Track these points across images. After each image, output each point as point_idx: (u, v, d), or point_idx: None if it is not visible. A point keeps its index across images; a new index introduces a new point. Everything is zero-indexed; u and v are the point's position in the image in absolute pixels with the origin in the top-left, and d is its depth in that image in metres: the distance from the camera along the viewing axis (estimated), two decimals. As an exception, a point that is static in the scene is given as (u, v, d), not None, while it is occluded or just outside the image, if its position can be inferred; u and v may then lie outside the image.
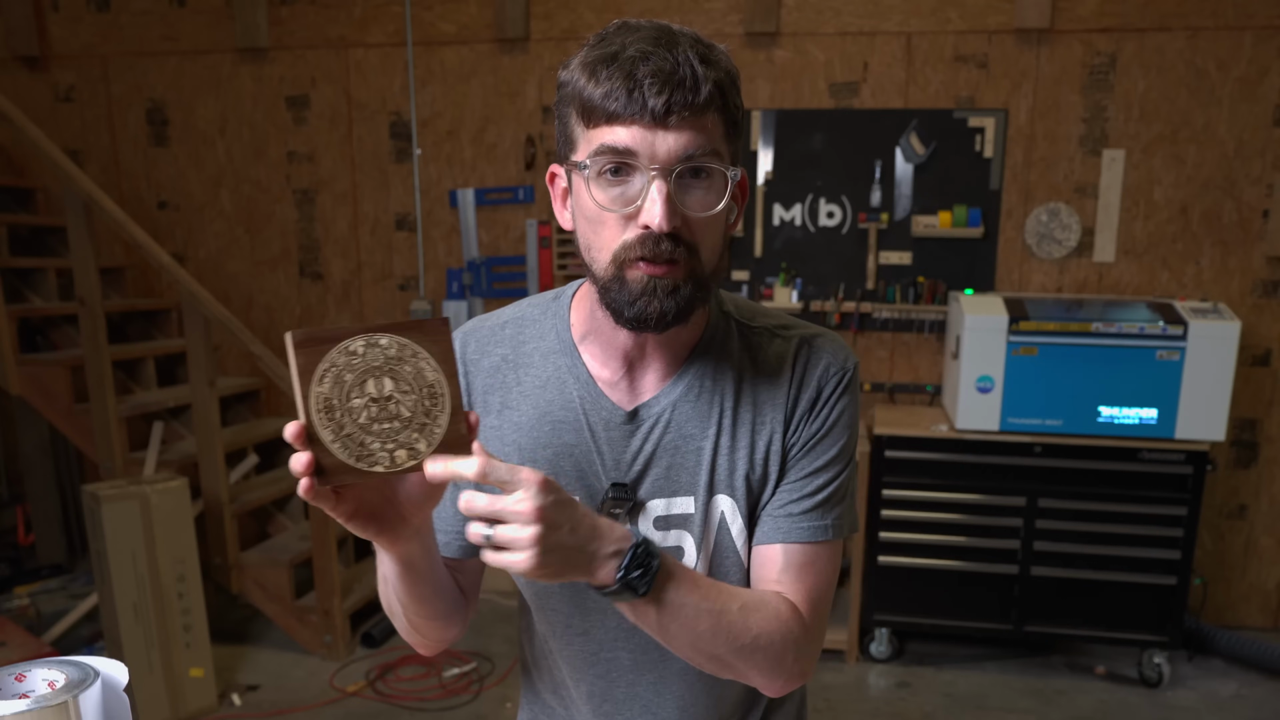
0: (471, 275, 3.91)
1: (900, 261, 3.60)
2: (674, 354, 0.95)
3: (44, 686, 0.87)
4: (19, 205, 4.01)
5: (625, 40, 0.80)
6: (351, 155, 3.93)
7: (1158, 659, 3.19)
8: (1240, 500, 3.57)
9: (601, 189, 0.83)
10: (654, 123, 0.79)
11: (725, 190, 0.84)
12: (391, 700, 3.09)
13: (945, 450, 3.19)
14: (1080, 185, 3.46)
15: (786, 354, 0.96)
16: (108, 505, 2.84)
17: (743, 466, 0.94)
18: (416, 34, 3.75)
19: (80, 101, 4.04)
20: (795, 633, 0.90)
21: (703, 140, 0.81)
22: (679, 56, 0.79)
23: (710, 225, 0.85)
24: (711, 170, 0.83)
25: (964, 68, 3.46)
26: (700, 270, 0.85)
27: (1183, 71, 3.33)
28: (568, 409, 0.95)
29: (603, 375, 0.95)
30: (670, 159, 0.80)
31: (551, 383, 0.96)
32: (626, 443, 0.94)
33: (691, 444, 0.94)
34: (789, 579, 0.93)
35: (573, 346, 0.96)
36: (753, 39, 3.55)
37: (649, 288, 0.83)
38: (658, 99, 0.78)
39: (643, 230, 0.82)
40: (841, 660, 3.37)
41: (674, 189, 0.81)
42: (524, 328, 0.99)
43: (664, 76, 0.78)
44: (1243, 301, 3.43)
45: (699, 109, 0.80)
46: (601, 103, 0.80)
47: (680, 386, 0.94)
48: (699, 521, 0.94)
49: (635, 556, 0.79)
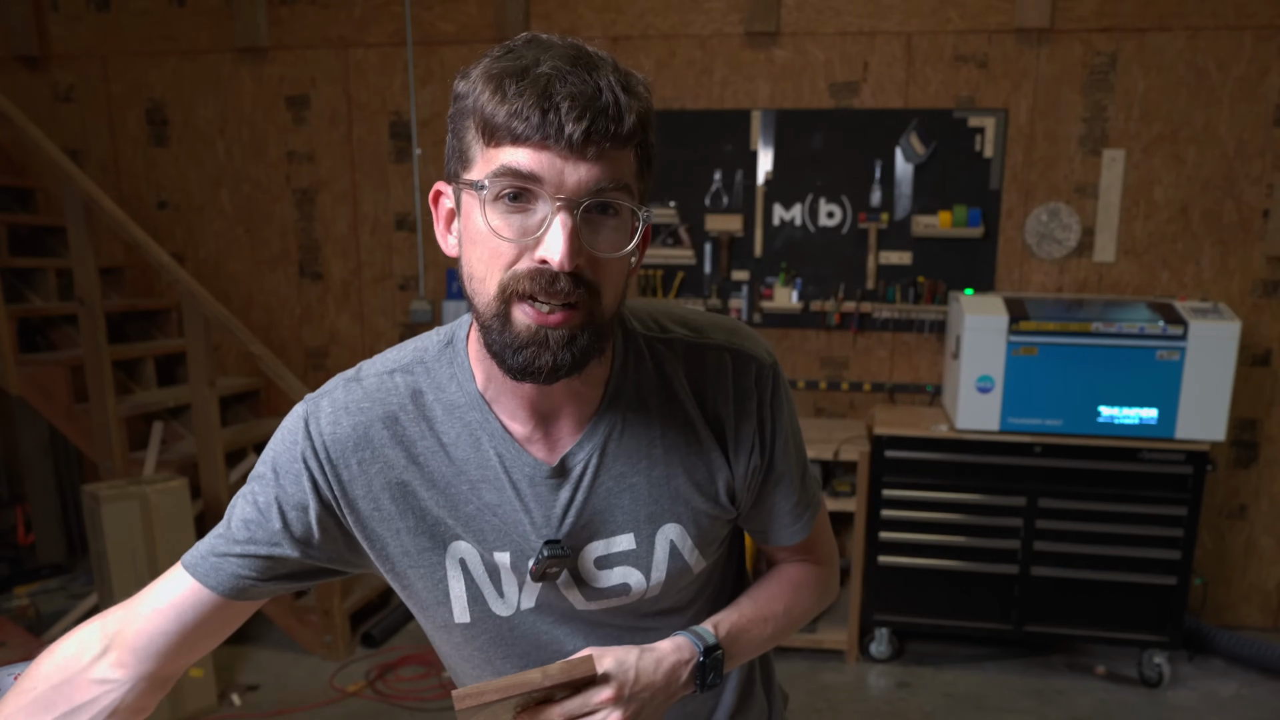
0: (471, 275, 3.90)
1: (900, 261, 3.60)
2: (586, 398, 0.87)
3: (43, 687, 0.87)
4: (19, 205, 4.01)
5: (539, 55, 0.73)
6: (351, 155, 3.93)
7: (1158, 659, 3.19)
8: (1240, 500, 3.57)
9: (498, 214, 0.74)
10: (568, 151, 0.71)
11: (634, 232, 0.77)
12: (391, 700, 3.09)
13: (945, 450, 3.19)
14: (1080, 185, 3.46)
15: (706, 364, 0.90)
16: (108, 505, 2.84)
17: (685, 491, 0.90)
18: (416, 34, 3.75)
19: (80, 101, 4.04)
20: (824, 580, 1.05)
21: (616, 175, 0.74)
22: (601, 82, 0.72)
23: (615, 267, 0.77)
24: (620, 208, 0.75)
25: (964, 67, 3.46)
26: (600, 316, 0.77)
27: (1183, 71, 3.33)
28: (485, 467, 0.86)
29: (515, 429, 0.87)
30: (579, 191, 0.72)
31: (463, 439, 0.87)
32: (554, 496, 0.87)
33: (623, 483, 0.88)
34: (802, 555, 1.05)
35: (479, 400, 0.86)
36: (753, 39, 3.54)
37: (538, 336, 0.75)
38: (576, 125, 0.70)
39: (539, 264, 0.73)
40: (841, 660, 3.37)
41: (579, 224, 0.73)
42: (418, 378, 0.88)
43: (584, 101, 0.71)
44: (1243, 301, 3.43)
45: (620, 141, 0.73)
46: (507, 121, 0.71)
47: (602, 427, 0.88)
48: (643, 555, 0.90)
49: (705, 666, 0.88)
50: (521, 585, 0.91)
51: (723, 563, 1.04)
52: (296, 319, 4.09)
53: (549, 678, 0.78)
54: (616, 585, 0.91)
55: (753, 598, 0.99)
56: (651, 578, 0.91)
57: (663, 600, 0.95)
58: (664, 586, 0.93)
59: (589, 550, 0.89)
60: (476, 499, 0.87)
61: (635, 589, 0.91)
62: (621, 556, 0.90)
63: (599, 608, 0.92)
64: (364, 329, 4.04)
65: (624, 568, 0.90)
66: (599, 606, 0.92)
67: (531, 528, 0.87)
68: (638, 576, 0.91)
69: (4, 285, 3.37)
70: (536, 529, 0.87)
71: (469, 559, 0.89)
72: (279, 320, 4.09)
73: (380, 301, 4.02)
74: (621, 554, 0.90)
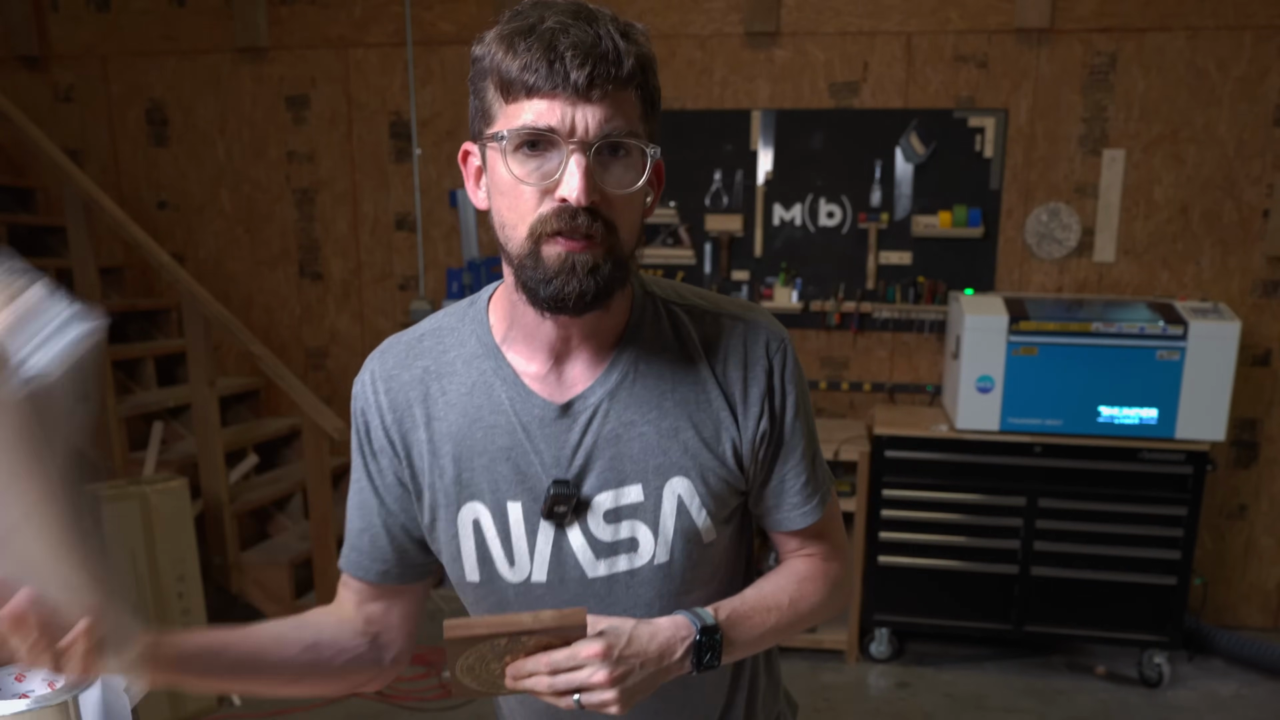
0: (471, 275, 3.90)
1: (900, 261, 3.60)
2: (601, 342, 0.93)
3: (44, 686, 0.87)
4: (19, 205, 4.01)
5: (543, 14, 0.79)
6: (351, 155, 3.93)
7: (1158, 659, 3.19)
8: (1240, 500, 3.57)
9: (519, 162, 0.81)
10: (575, 96, 0.78)
11: (644, 169, 0.83)
12: (391, 700, 3.09)
13: (945, 450, 3.19)
14: (1080, 185, 3.46)
15: (721, 332, 0.95)
16: (108, 505, 2.84)
17: (693, 446, 0.93)
18: (416, 34, 3.75)
19: (80, 101, 4.04)
20: (834, 577, 1.03)
21: (622, 117, 0.80)
22: (600, 30, 0.78)
23: (628, 203, 0.83)
24: (630, 148, 0.82)
25: (964, 68, 3.46)
26: (619, 249, 0.84)
27: (1183, 71, 3.33)
28: (497, 412, 0.92)
29: (529, 371, 0.93)
30: (589, 133, 0.79)
31: (478, 388, 0.93)
32: (564, 438, 0.92)
33: (633, 430, 0.92)
34: (812, 546, 1.04)
35: (495, 348, 0.94)
36: (753, 39, 3.55)
37: (566, 264, 0.81)
38: (580, 71, 0.77)
39: (559, 203, 0.80)
40: (841, 660, 3.37)
41: (593, 164, 0.80)
42: (443, 337, 0.97)
43: (585, 49, 0.77)
44: (1243, 301, 3.43)
45: (621, 83, 0.79)
46: (520, 74, 0.78)
47: (614, 375, 0.93)
48: (650, 509, 0.93)
49: (701, 645, 0.87)
50: (533, 548, 0.93)
51: (731, 557, 1.03)
52: (296, 319, 4.09)
53: (539, 622, 0.78)
54: (625, 539, 0.93)
55: (757, 587, 0.99)
56: (659, 534, 0.93)
57: (671, 578, 0.95)
58: (673, 551, 0.94)
59: (598, 502, 0.92)
60: (491, 445, 0.92)
61: (644, 545, 0.93)
62: (631, 510, 0.93)
63: (609, 572, 0.94)
64: (364, 329, 4.04)
65: (633, 521, 0.93)
66: (609, 571, 0.94)
67: (541, 469, 0.92)
68: (646, 532, 0.93)
69: (4, 285, 3.37)
70: (546, 470, 0.92)
71: (482, 519, 0.94)
72: (279, 320, 4.09)
73: (380, 301, 4.02)
74: (631, 506, 0.93)
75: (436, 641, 3.42)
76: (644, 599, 0.95)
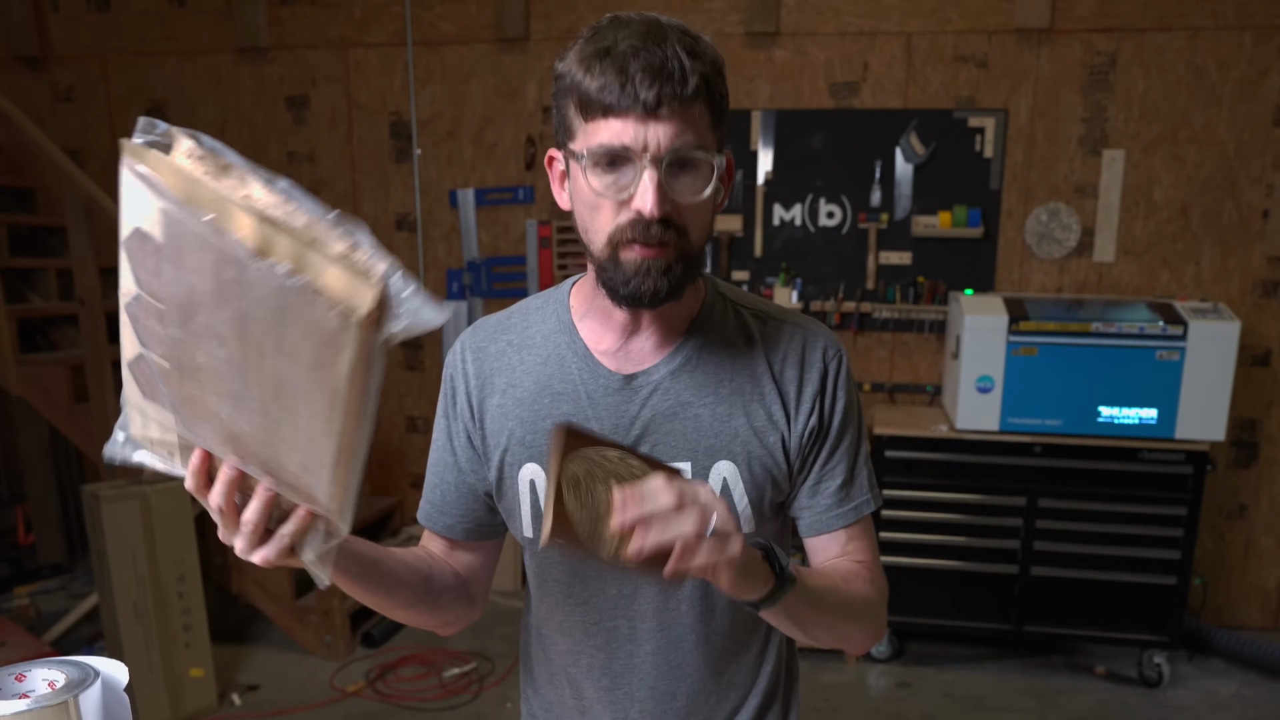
0: (471, 275, 3.91)
1: (900, 261, 3.60)
2: (670, 326, 1.00)
3: (44, 686, 0.87)
4: (19, 205, 4.00)
5: (618, 35, 0.85)
6: (351, 155, 3.93)
7: (1158, 659, 3.19)
8: (1240, 500, 3.57)
9: (597, 176, 0.88)
10: (646, 114, 0.84)
11: (712, 176, 0.89)
12: (391, 700, 3.09)
13: (945, 450, 3.19)
14: (1080, 185, 3.46)
15: (783, 335, 1.02)
16: (108, 505, 2.84)
17: (744, 433, 0.98)
18: (416, 34, 3.75)
19: (80, 101, 4.04)
20: (882, 589, 1.04)
21: (690, 131, 0.86)
22: (668, 50, 0.84)
23: (698, 209, 0.90)
24: (698, 160, 0.88)
25: (964, 68, 3.46)
26: (690, 250, 0.91)
27: (1183, 71, 3.33)
28: (566, 381, 1.01)
29: (599, 347, 1.01)
30: (660, 149, 0.85)
31: (551, 359, 1.02)
32: (624, 408, 0.99)
33: (688, 410, 0.98)
34: (853, 550, 1.04)
35: (571, 325, 1.02)
36: (753, 39, 3.55)
37: (642, 268, 0.89)
38: (649, 92, 0.83)
39: (635, 215, 0.87)
40: (841, 660, 3.37)
41: (664, 177, 0.86)
42: (528, 314, 1.07)
43: (654, 70, 0.83)
44: (1243, 301, 3.43)
45: (687, 100, 0.85)
46: (597, 96, 0.85)
47: (679, 358, 1.00)
48: None
49: (772, 554, 0.86)
50: None
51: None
52: (296, 319, 4.09)
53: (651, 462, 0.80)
54: None
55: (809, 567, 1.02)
56: None
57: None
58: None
59: None
60: (555, 411, 1.00)
61: None
62: None
63: None
64: (364, 329, 4.04)
65: None
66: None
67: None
68: None
69: (4, 285, 3.37)
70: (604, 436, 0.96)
71: (537, 480, 1.01)
72: (279, 320, 4.09)
73: (380, 301, 4.02)
74: None
75: (436, 641, 3.43)
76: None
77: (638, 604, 1.02)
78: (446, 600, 1.07)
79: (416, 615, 1.05)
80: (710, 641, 1.04)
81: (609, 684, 1.06)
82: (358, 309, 0.64)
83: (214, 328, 0.66)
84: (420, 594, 1.03)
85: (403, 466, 4.14)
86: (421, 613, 1.05)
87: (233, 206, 0.63)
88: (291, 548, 0.78)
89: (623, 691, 1.05)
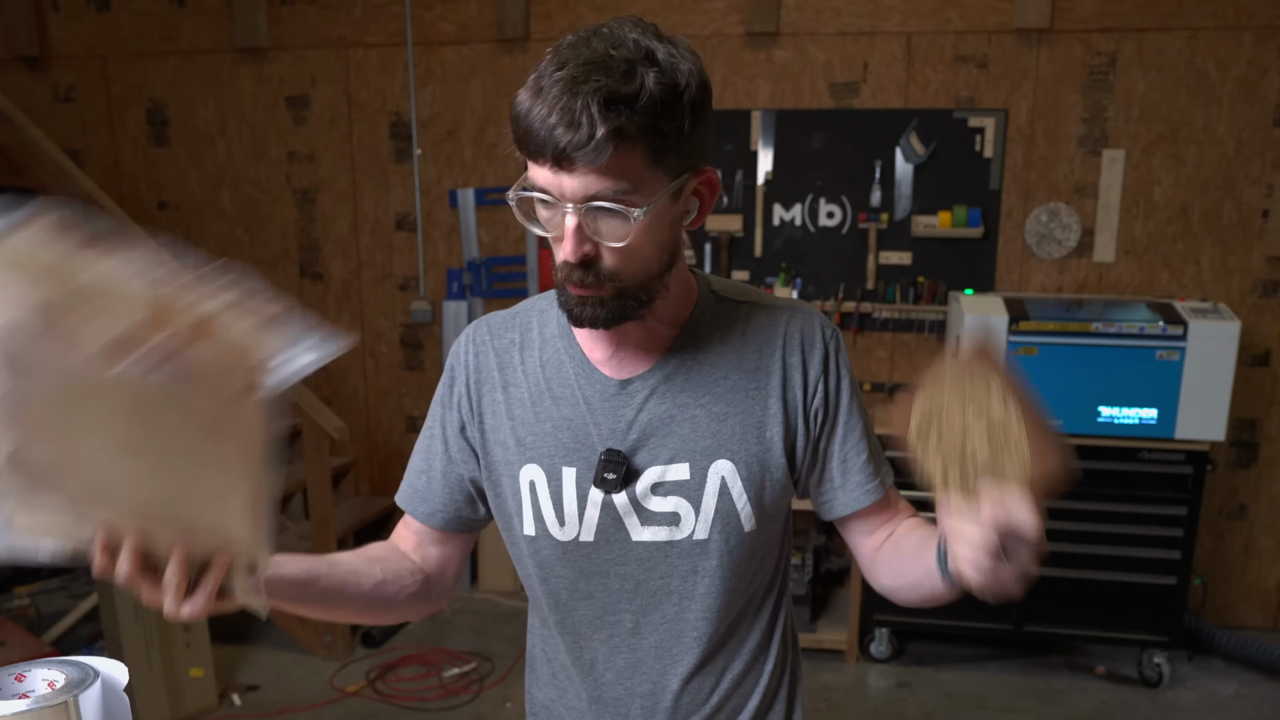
0: (471, 275, 3.91)
1: (900, 261, 3.60)
2: (659, 334, 1.01)
3: (44, 686, 0.87)
4: (19, 205, 4.00)
5: (561, 70, 0.82)
6: (351, 155, 3.94)
7: (1158, 659, 3.19)
8: (1240, 500, 3.57)
9: (541, 208, 0.89)
10: (558, 165, 0.83)
11: (634, 220, 0.86)
12: (391, 700, 3.09)
13: (945, 450, 3.19)
14: (1080, 185, 3.46)
15: (778, 324, 1.03)
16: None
17: (741, 431, 1.00)
18: (416, 34, 3.75)
19: (80, 101, 4.04)
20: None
21: (610, 177, 0.83)
22: (579, 103, 0.80)
23: (630, 250, 0.88)
24: (618, 208, 0.85)
25: (964, 68, 3.46)
26: (626, 287, 0.91)
27: (1183, 71, 3.33)
28: (565, 385, 1.02)
29: (594, 355, 1.02)
30: (575, 196, 0.84)
31: (550, 362, 1.03)
32: (620, 412, 1.00)
33: (685, 412, 1.00)
34: (904, 509, 1.11)
35: (569, 331, 1.03)
36: (753, 39, 3.55)
37: (578, 301, 0.91)
38: (560, 144, 0.81)
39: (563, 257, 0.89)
40: (841, 660, 3.37)
41: (585, 220, 0.86)
42: (533, 315, 1.08)
43: (566, 123, 0.80)
44: (1243, 301, 3.43)
45: (590, 158, 0.82)
46: (522, 139, 0.85)
47: (673, 361, 1.01)
48: (694, 486, 1.00)
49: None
50: (582, 512, 1.01)
51: (770, 566, 1.09)
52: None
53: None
54: (669, 513, 1.00)
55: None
56: (700, 512, 1.00)
57: (708, 556, 1.01)
58: (711, 530, 1.00)
59: (647, 475, 1.00)
60: (556, 413, 1.02)
61: (685, 520, 1.00)
62: (676, 486, 1.00)
63: (651, 539, 1.01)
64: (364, 329, 4.05)
65: (676, 497, 1.00)
66: (652, 538, 1.01)
67: (598, 439, 1.00)
68: (688, 508, 1.00)
69: (4, 285, 3.37)
70: (602, 440, 1.00)
71: (537, 480, 1.02)
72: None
73: (380, 302, 4.03)
74: (676, 483, 1.00)
75: (436, 641, 3.44)
76: (680, 570, 1.02)
77: (641, 598, 1.03)
78: (399, 603, 1.08)
79: (367, 619, 1.10)
80: (713, 639, 1.05)
81: (612, 679, 1.06)
82: (246, 375, 0.67)
83: (107, 414, 0.68)
84: (368, 602, 1.05)
85: (402, 466, 4.11)
86: (373, 618, 1.11)
87: (104, 296, 0.64)
88: (218, 593, 0.80)
89: (624, 688, 1.06)
